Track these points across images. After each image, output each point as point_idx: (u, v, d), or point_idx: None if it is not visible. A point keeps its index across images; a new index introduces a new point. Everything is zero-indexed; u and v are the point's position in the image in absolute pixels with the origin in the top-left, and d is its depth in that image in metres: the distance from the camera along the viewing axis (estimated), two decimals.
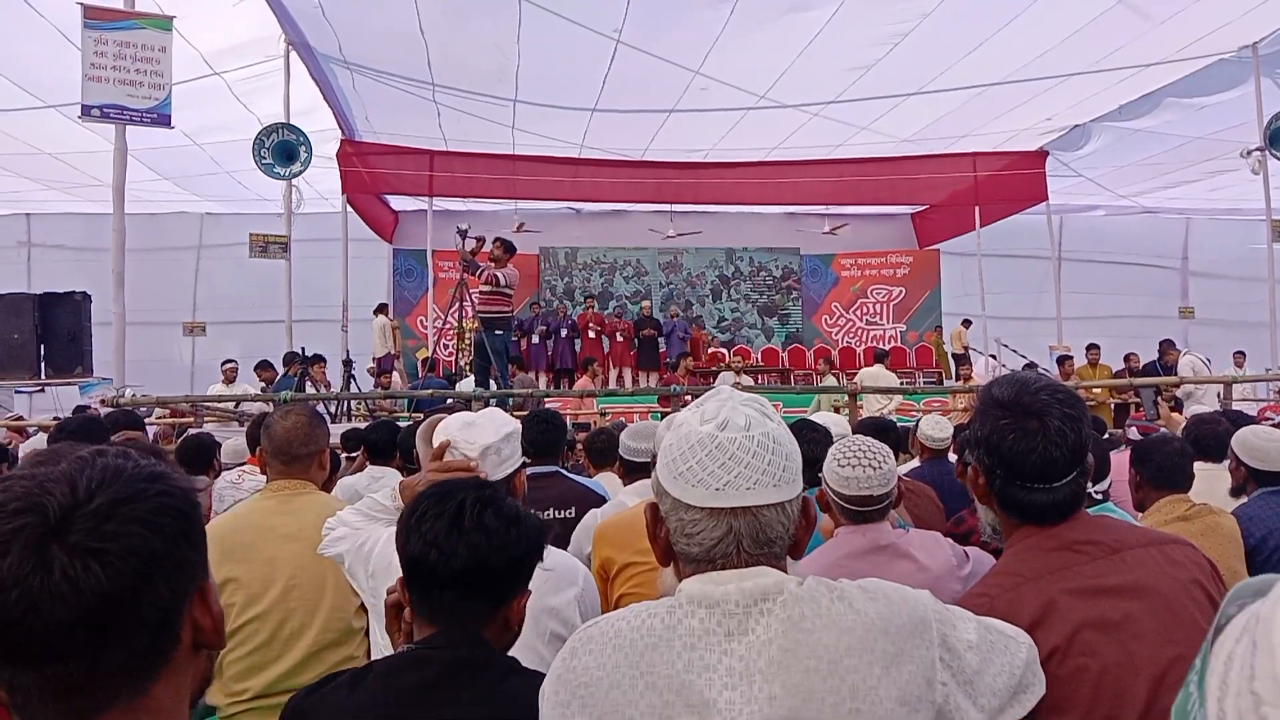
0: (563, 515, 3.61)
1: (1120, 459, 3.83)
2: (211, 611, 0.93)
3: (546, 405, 11.83)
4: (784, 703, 1.17)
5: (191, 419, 8.87)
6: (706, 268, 19.18)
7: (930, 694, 1.22)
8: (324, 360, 12.05)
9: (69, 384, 9.49)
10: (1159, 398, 9.02)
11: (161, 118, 8.57)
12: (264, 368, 12.06)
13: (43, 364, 9.34)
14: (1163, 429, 5.86)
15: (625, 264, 19.22)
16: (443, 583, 1.60)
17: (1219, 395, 9.34)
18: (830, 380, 13.66)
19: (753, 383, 13.37)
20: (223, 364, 12.70)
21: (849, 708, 1.17)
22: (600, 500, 3.74)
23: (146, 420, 8.22)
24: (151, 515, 0.86)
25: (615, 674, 1.22)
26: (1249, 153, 11.58)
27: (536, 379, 16.10)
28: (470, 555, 1.60)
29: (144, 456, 0.92)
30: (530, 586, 1.70)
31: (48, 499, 0.82)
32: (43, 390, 10.02)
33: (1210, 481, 3.95)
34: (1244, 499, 3.73)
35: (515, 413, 9.66)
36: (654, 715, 1.18)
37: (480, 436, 2.33)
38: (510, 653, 1.67)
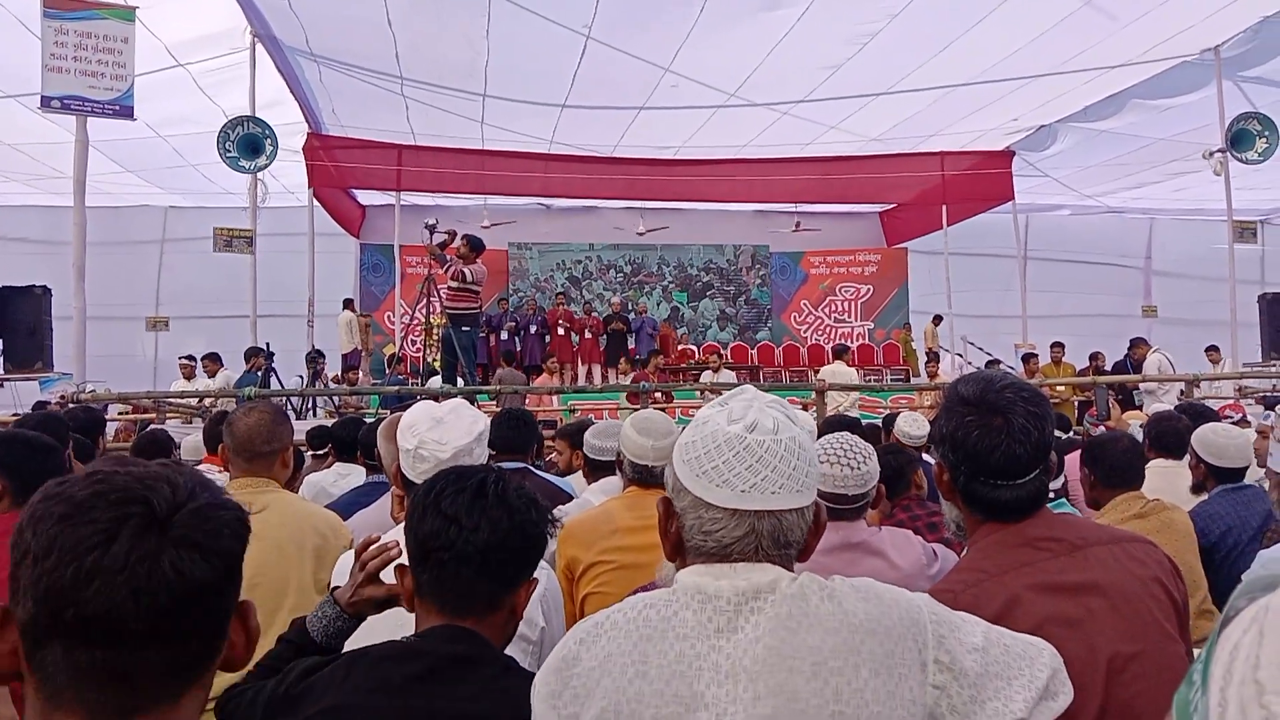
0: None
1: (1073, 458, 3.86)
2: (248, 628, 1.02)
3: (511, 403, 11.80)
4: (767, 703, 1.16)
5: (154, 415, 8.77)
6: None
7: (922, 697, 1.21)
8: (324, 356, 11.98)
9: (28, 379, 9.35)
10: (1109, 396, 9.12)
11: (124, 109, 8.47)
12: (212, 359, 11.93)
13: (1, 358, 9.19)
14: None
15: (591, 261, 19.30)
16: (461, 558, 1.57)
17: (1180, 393, 9.49)
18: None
19: (735, 379, 13.35)
20: (180, 360, 12.56)
21: (832, 710, 1.16)
22: (567, 498, 3.75)
23: (107, 418, 8.10)
24: (232, 525, 0.96)
25: (608, 663, 1.22)
26: (1211, 154, 11.75)
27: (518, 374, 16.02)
28: (493, 530, 1.59)
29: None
30: None
31: (152, 494, 0.90)
32: (1, 385, 9.85)
33: (1170, 478, 3.99)
34: (1204, 496, 3.78)
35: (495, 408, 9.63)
36: (640, 703, 1.18)
37: (451, 437, 2.28)
38: None
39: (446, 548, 1.58)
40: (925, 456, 5.28)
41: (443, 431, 2.29)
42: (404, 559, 1.68)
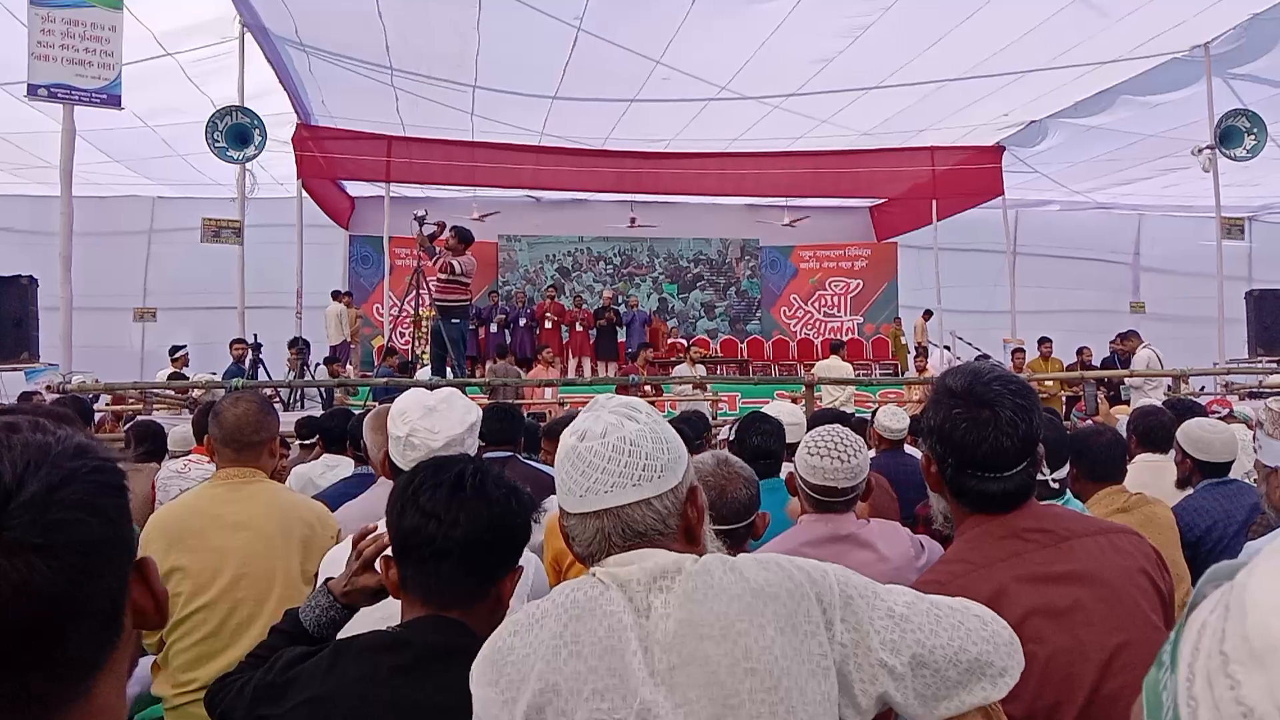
0: None
1: None
2: (154, 590, 0.86)
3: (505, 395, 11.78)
4: (682, 671, 1.21)
5: (140, 406, 8.73)
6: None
7: (830, 653, 1.25)
8: (309, 346, 11.93)
9: (14, 369, 9.29)
10: (1098, 393, 9.15)
11: (111, 98, 8.41)
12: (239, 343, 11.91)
13: None
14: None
15: (580, 253, 19.30)
16: (441, 553, 1.57)
17: (1168, 389, 9.52)
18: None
19: (705, 371, 13.32)
20: (171, 352, 12.52)
21: (744, 668, 1.21)
22: (552, 483, 3.80)
23: (96, 408, 8.06)
24: (91, 498, 0.77)
25: (540, 648, 1.26)
26: (1200, 151, 11.79)
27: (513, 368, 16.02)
28: (472, 524, 1.58)
29: (58, 425, 0.81)
30: None
31: None
32: None
33: (1156, 473, 4.00)
34: (1190, 490, 3.79)
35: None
36: (579, 680, 1.22)
37: (444, 426, 2.28)
38: None
39: (427, 543, 1.57)
40: (909, 449, 5.36)
41: (435, 420, 2.29)
42: (389, 551, 1.68)
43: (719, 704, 1.20)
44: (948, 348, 16.25)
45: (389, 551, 1.67)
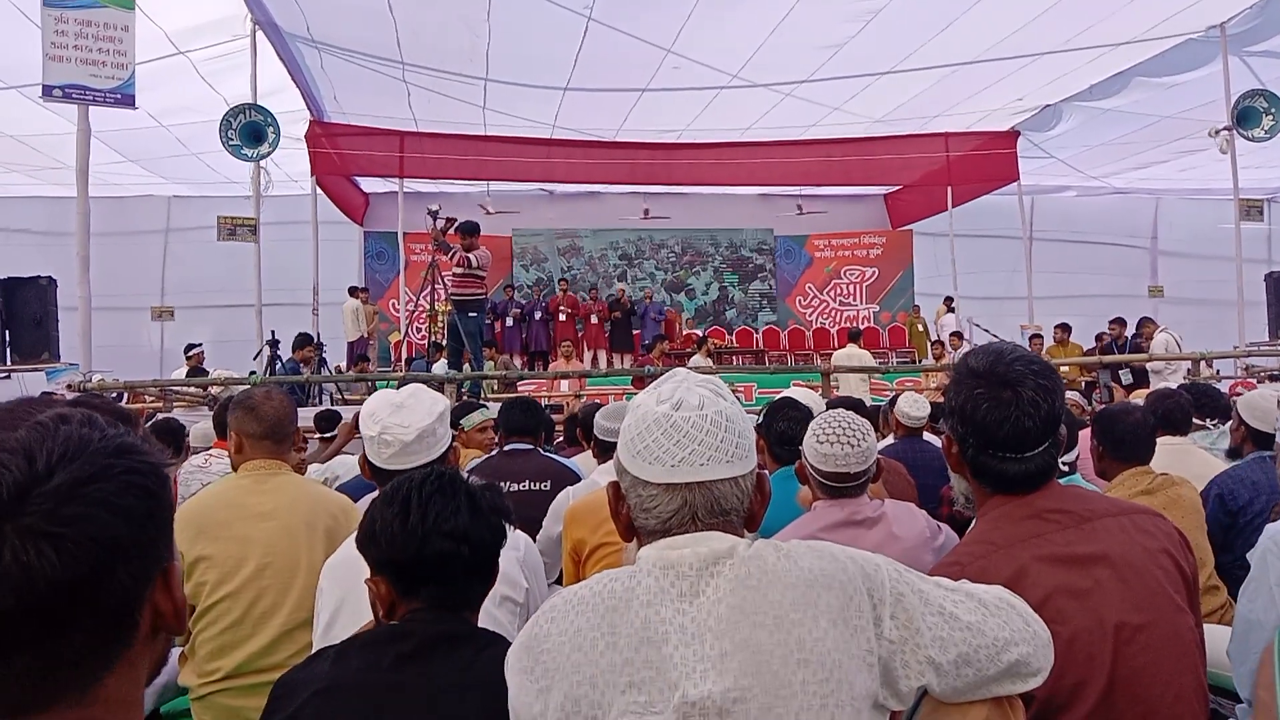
0: (539, 488, 3.82)
1: (1085, 433, 3.85)
2: (174, 596, 0.86)
3: (520, 388, 11.83)
4: (734, 658, 1.20)
5: (160, 404, 8.79)
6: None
7: (878, 649, 1.26)
8: (312, 341, 11.97)
9: (35, 369, 9.36)
10: (1113, 381, 9.08)
11: (125, 98, 8.44)
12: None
13: (8, 349, 9.22)
14: None
15: (593, 246, 19.34)
16: (473, 572, 1.63)
17: (1188, 372, 9.47)
18: None
19: (713, 364, 13.28)
20: (186, 350, 12.59)
21: (797, 659, 1.20)
22: (572, 475, 3.86)
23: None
24: (116, 497, 0.79)
25: (578, 637, 1.25)
26: (1217, 132, 11.66)
27: (510, 361, 16.08)
28: (495, 539, 1.65)
29: (111, 424, 0.83)
30: None
31: (2, 473, 0.74)
32: (9, 376, 9.87)
33: (1175, 455, 3.98)
34: (1237, 461, 3.74)
35: (498, 395, 9.61)
36: (614, 673, 1.21)
37: (413, 420, 2.33)
38: None
39: (461, 564, 1.61)
40: (928, 436, 5.31)
41: (404, 415, 2.35)
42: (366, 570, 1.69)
43: (771, 694, 1.19)
44: (960, 333, 16.18)
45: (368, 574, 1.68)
